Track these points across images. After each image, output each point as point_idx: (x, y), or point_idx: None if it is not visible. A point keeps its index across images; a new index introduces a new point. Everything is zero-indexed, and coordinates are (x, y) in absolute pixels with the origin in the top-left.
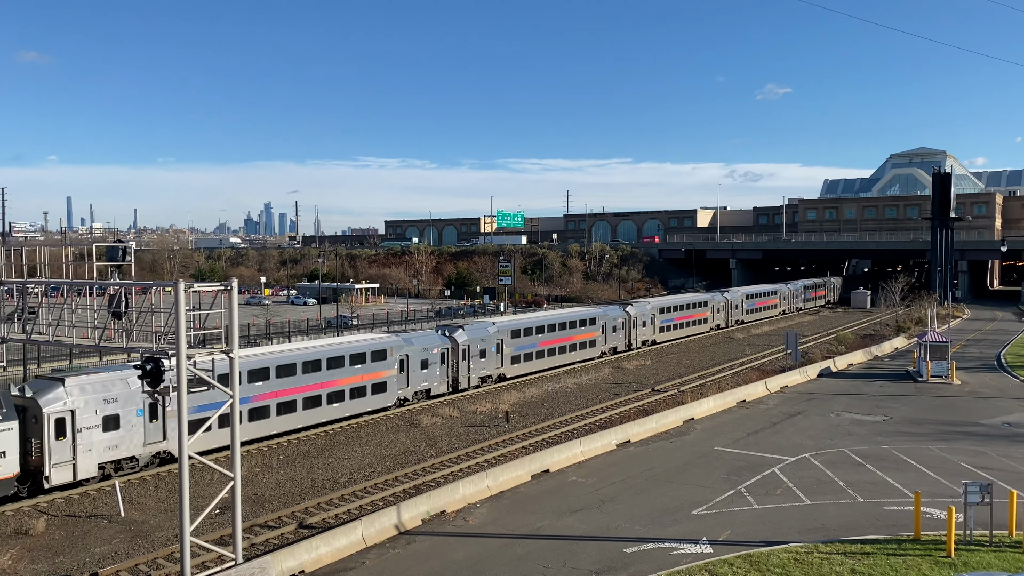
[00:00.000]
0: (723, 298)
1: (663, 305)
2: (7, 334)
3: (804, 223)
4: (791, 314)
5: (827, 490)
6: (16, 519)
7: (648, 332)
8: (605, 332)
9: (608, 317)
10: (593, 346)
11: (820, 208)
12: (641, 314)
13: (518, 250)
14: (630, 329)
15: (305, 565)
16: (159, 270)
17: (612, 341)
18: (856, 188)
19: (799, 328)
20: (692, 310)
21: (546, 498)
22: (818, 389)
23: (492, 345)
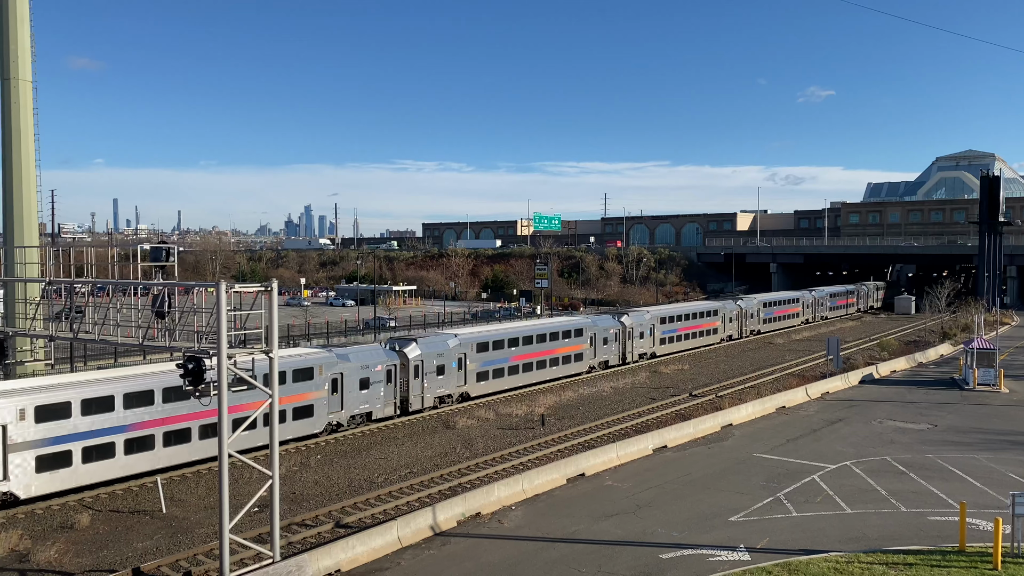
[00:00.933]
0: (736, 306)
1: (665, 314)
2: (55, 332)
3: (846, 227)
4: (816, 323)
5: (869, 499)
6: (62, 513)
7: (646, 344)
8: (594, 344)
9: (598, 328)
10: (579, 360)
11: (863, 212)
12: (638, 324)
13: (555, 253)
14: (624, 341)
15: (341, 564)
16: (201, 271)
17: (603, 355)
18: (900, 191)
19: (839, 334)
20: (699, 320)
21: (581, 502)
22: (860, 396)
23: (452, 360)
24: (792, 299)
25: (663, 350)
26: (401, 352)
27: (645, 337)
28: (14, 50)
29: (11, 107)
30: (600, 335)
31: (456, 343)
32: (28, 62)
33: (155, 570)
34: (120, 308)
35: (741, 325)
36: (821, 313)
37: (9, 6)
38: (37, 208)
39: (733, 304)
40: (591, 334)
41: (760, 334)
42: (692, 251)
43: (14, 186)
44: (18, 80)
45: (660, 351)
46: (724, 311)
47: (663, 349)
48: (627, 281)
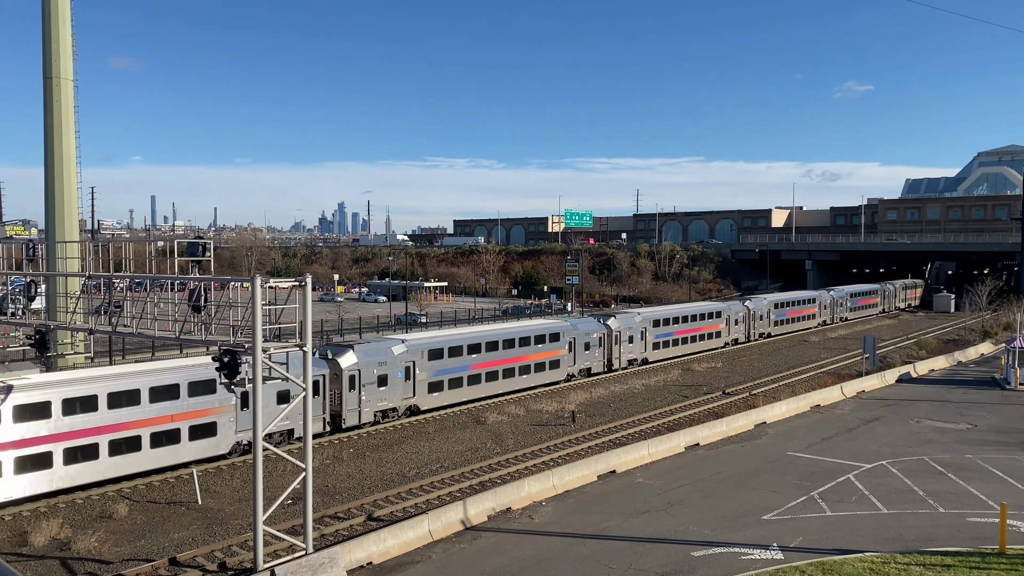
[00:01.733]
0: (743, 308)
1: (660, 316)
2: (95, 326)
3: (884, 224)
4: (834, 325)
5: (905, 499)
6: (101, 503)
7: (636, 349)
8: (574, 350)
9: (578, 332)
10: (556, 368)
11: (901, 208)
12: (627, 328)
13: (586, 250)
14: (611, 346)
15: (373, 557)
16: (237, 266)
17: (584, 361)
18: (940, 188)
19: (876, 333)
20: (699, 322)
21: (612, 498)
22: (897, 395)
23: (397, 369)
24: (807, 299)
25: (657, 355)
26: (333, 361)
27: (635, 342)
28: (56, 49)
29: (53, 105)
30: (581, 340)
31: (403, 350)
32: (69, 61)
33: (191, 560)
34: (157, 303)
35: (748, 328)
36: (840, 314)
37: (51, 6)
38: (78, 204)
39: (739, 305)
40: (570, 339)
41: (770, 337)
42: (726, 248)
43: (55, 183)
44: (60, 79)
45: (653, 356)
46: (728, 313)
47: (657, 355)
48: (659, 278)
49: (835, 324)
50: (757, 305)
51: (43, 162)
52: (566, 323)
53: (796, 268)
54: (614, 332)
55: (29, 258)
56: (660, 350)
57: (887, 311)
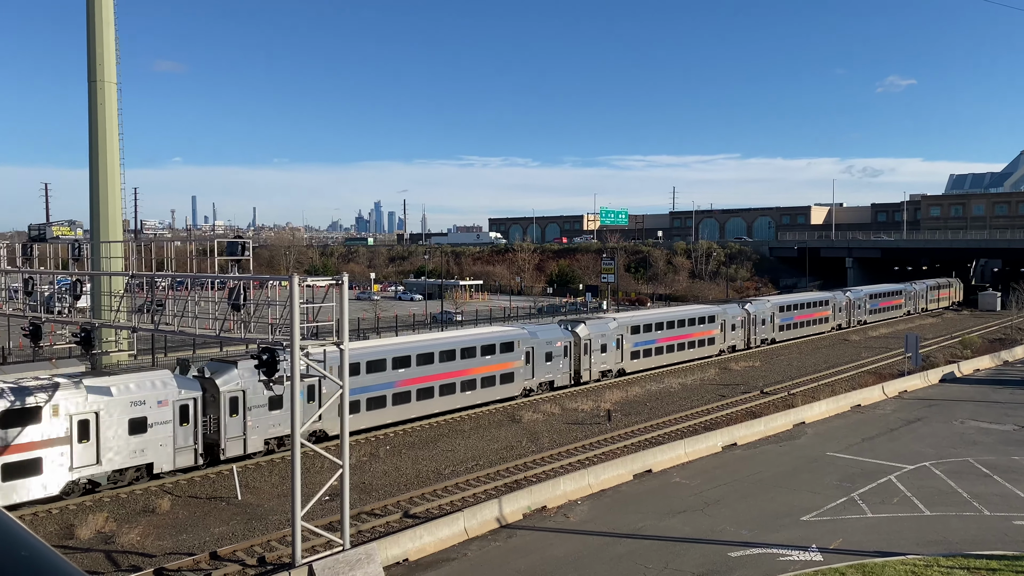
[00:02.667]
0: (741, 311)
1: (640, 322)
2: (138, 324)
3: (927, 220)
4: (849, 329)
5: (949, 501)
6: (144, 498)
7: (610, 359)
8: (532, 361)
9: (537, 341)
10: (509, 381)
11: (945, 204)
12: (599, 335)
13: (621, 247)
14: (578, 356)
15: (409, 553)
16: (275, 265)
17: (544, 373)
18: (986, 183)
19: (919, 331)
20: (689, 328)
21: (648, 498)
22: (940, 395)
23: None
24: (818, 301)
25: (637, 366)
26: (210, 380)
27: (609, 351)
28: (100, 53)
29: (97, 108)
30: (540, 349)
31: None
32: (113, 65)
33: (231, 554)
34: (198, 301)
35: (748, 334)
36: (858, 317)
37: (95, 11)
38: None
39: (737, 308)
40: (527, 348)
41: (774, 343)
42: (764, 245)
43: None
44: (103, 82)
45: (632, 367)
46: (724, 317)
47: (635, 364)
48: (696, 276)
49: (851, 328)
50: (758, 308)
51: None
52: (522, 331)
53: (836, 266)
54: (582, 340)
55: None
56: (640, 360)
57: (912, 313)
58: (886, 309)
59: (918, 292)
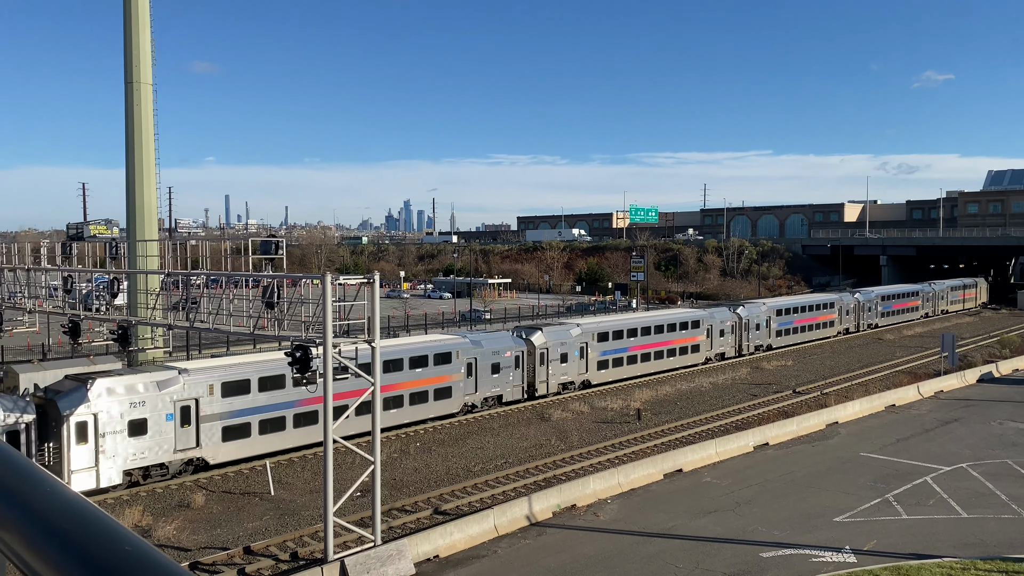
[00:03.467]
0: (732, 315)
1: (607, 328)
2: (173, 321)
3: (964, 217)
4: (859, 333)
5: (987, 503)
6: (180, 493)
7: (572, 370)
8: (474, 374)
9: (481, 351)
10: (446, 396)
11: (983, 201)
12: (558, 343)
13: (651, 245)
14: (533, 367)
15: (439, 550)
16: (307, 264)
17: (491, 387)
18: None
19: (956, 330)
20: (669, 334)
21: (678, 497)
22: (978, 395)
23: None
24: (822, 304)
25: (602, 377)
26: (51, 403)
27: (571, 360)
28: (136, 55)
29: (133, 109)
30: (485, 360)
31: (189, 383)
32: (148, 65)
33: (264, 549)
34: (232, 299)
35: (739, 340)
36: (869, 320)
37: (132, 13)
38: (157, 204)
39: (727, 313)
40: (470, 360)
41: (771, 349)
42: (796, 243)
43: (136, 184)
44: (140, 83)
45: (598, 378)
46: (711, 322)
47: (602, 376)
48: (727, 274)
49: (860, 332)
50: (751, 312)
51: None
52: (462, 341)
53: (870, 264)
54: (538, 349)
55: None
56: (609, 370)
57: (931, 315)
58: (901, 312)
59: (937, 293)
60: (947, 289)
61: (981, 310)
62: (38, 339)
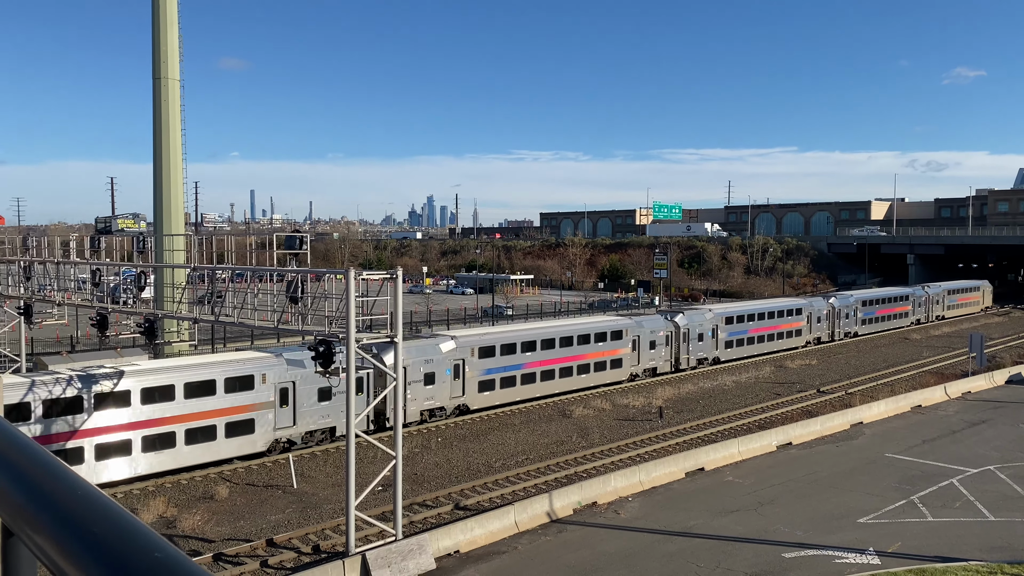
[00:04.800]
0: (669, 324)
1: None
2: (199, 315)
3: (994, 216)
4: (832, 343)
5: (1015, 506)
6: (204, 484)
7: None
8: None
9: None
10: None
11: (1014, 199)
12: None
13: (675, 242)
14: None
15: (460, 545)
16: (331, 258)
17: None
18: None
19: (983, 330)
20: (585, 347)
21: (700, 496)
22: (1007, 397)
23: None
24: (787, 309)
25: (729, 355)
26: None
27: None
28: (164, 51)
29: (161, 104)
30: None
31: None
32: (176, 62)
33: (286, 542)
34: (257, 293)
35: (676, 351)
36: (846, 328)
37: (160, 10)
38: (183, 199)
39: (663, 321)
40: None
41: (719, 363)
42: (822, 241)
43: (163, 178)
44: (167, 79)
45: (725, 355)
46: (638, 332)
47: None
48: (751, 272)
49: (834, 342)
50: (696, 320)
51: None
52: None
53: (897, 263)
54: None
55: (139, 250)
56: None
57: (923, 322)
58: (886, 318)
59: (932, 297)
60: (943, 293)
61: (983, 315)
62: (67, 331)
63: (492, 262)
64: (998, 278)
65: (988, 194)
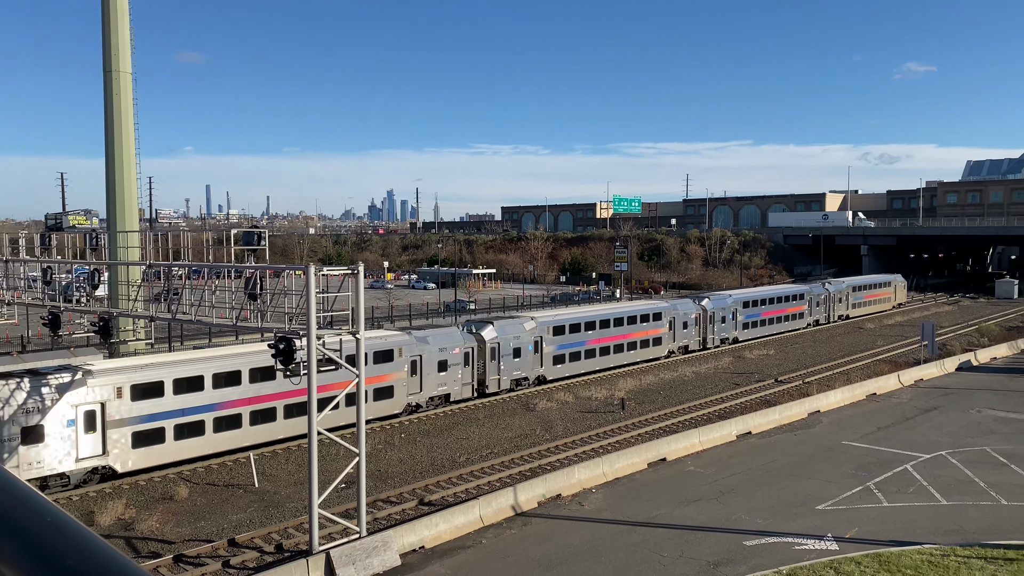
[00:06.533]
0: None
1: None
2: (155, 313)
3: (943, 207)
4: (705, 351)
5: (966, 490)
6: (163, 485)
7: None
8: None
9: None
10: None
11: (962, 191)
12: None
13: (635, 236)
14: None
15: (425, 541)
16: (290, 254)
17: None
18: (1003, 169)
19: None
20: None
21: (663, 487)
22: (957, 384)
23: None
24: (645, 315)
25: (558, 372)
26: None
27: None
28: (115, 43)
29: (112, 98)
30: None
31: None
32: (128, 55)
33: (249, 541)
34: (215, 290)
35: (478, 372)
36: (723, 334)
37: (110, 2)
38: (137, 194)
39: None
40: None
41: (543, 382)
42: (778, 233)
43: (116, 174)
44: (119, 72)
45: (553, 373)
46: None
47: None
48: (709, 264)
49: (707, 351)
50: (503, 333)
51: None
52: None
53: (851, 253)
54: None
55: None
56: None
57: (820, 323)
58: (774, 321)
59: (833, 295)
60: (847, 290)
61: (895, 313)
62: (17, 331)
63: (454, 256)
64: (947, 268)
65: (938, 186)
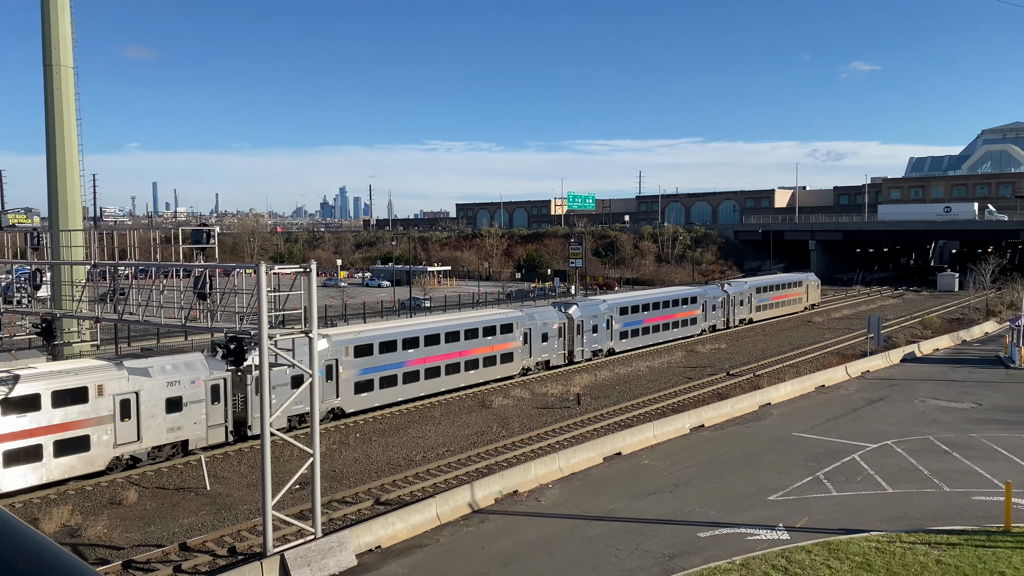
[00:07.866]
0: None
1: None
2: (101, 314)
3: (887, 203)
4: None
5: (911, 478)
6: (111, 490)
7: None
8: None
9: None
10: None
11: (905, 187)
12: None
13: (589, 232)
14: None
15: (382, 540)
16: (240, 253)
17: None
18: (944, 166)
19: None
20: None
21: (618, 480)
22: (901, 375)
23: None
24: (493, 326)
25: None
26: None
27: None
28: (55, 36)
29: (53, 93)
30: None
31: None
32: (69, 48)
33: (201, 545)
34: (163, 290)
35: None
36: (595, 346)
37: None
38: (80, 192)
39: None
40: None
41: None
42: (729, 229)
43: (58, 171)
44: (60, 66)
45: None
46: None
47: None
48: (663, 260)
49: (572, 366)
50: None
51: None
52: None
53: (800, 248)
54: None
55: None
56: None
57: (718, 329)
58: (659, 328)
59: (733, 298)
60: (750, 291)
61: (805, 313)
62: None
63: (409, 254)
64: (892, 262)
65: (882, 182)
